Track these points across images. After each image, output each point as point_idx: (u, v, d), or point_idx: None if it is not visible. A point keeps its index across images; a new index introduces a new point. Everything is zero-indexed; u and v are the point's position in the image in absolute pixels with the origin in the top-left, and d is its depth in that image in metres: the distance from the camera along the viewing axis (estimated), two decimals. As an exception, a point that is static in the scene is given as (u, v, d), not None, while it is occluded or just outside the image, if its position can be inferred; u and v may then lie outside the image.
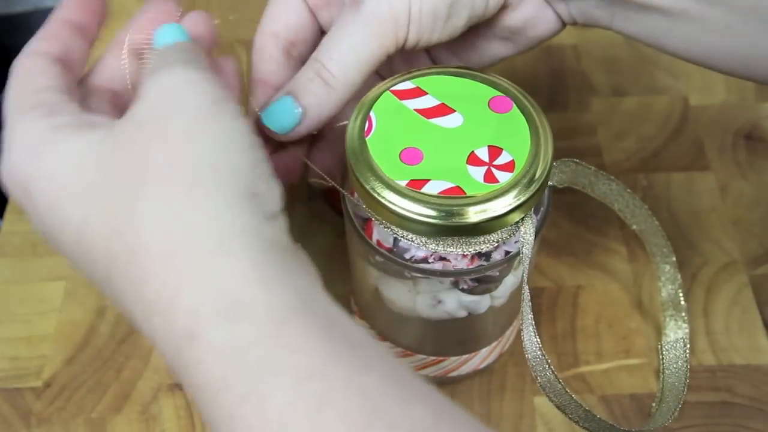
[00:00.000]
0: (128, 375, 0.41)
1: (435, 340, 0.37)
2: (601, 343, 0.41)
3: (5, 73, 0.27)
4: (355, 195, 0.31)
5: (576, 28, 0.35)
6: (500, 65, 0.53)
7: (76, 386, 0.40)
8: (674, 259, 0.39)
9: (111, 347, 0.42)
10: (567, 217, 0.46)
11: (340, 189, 0.31)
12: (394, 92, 0.30)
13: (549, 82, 0.52)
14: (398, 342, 0.37)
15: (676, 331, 0.39)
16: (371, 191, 0.28)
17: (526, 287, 0.30)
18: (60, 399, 0.40)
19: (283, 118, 0.31)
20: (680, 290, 0.39)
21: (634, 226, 0.37)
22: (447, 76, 0.31)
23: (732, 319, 0.42)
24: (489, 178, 0.28)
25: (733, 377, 0.40)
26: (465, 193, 0.27)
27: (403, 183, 0.28)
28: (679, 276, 0.39)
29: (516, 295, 0.34)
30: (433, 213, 0.27)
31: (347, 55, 0.30)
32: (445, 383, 0.39)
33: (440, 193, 0.27)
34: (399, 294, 0.33)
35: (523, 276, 0.30)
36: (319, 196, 0.47)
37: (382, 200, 0.28)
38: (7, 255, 0.45)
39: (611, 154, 0.48)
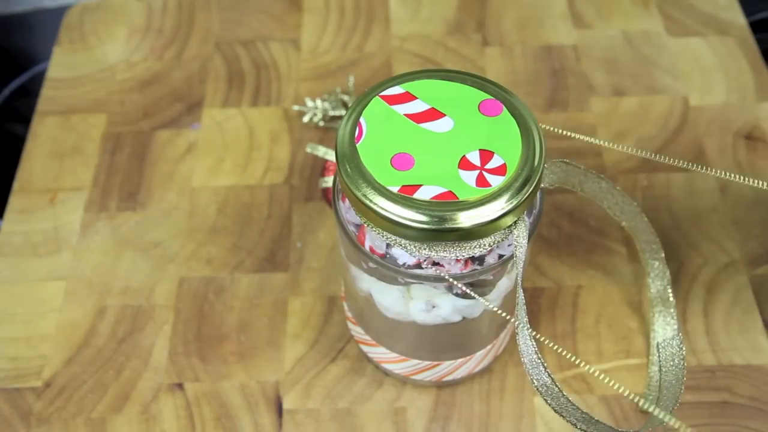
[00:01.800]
0: (128, 375, 0.41)
1: (429, 345, 0.37)
2: (601, 343, 0.41)
3: (5, 73, 0.27)
4: (346, 201, 0.31)
5: (576, 27, 0.35)
6: (500, 65, 0.53)
7: (76, 386, 0.40)
8: (663, 255, 0.39)
9: (111, 347, 0.42)
10: (567, 217, 0.46)
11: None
12: (384, 97, 0.30)
13: (549, 82, 0.52)
14: (392, 347, 0.37)
15: (664, 327, 0.39)
16: (363, 198, 0.28)
17: (520, 290, 0.30)
18: (60, 399, 0.40)
19: None
20: (669, 286, 0.39)
21: (624, 223, 0.37)
22: (436, 80, 0.31)
23: (732, 319, 0.42)
24: (481, 182, 0.28)
25: (733, 377, 0.40)
26: (457, 198, 0.27)
27: (395, 189, 0.28)
28: (668, 272, 0.39)
29: (510, 297, 0.34)
30: (426, 218, 0.27)
31: None
32: (442, 387, 0.39)
33: (432, 198, 0.27)
34: (392, 300, 0.33)
35: (517, 279, 0.30)
36: (319, 194, 0.47)
37: (375, 207, 0.27)
38: (7, 255, 0.45)
39: (611, 154, 0.48)
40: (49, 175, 0.49)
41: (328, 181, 0.44)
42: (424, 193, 0.27)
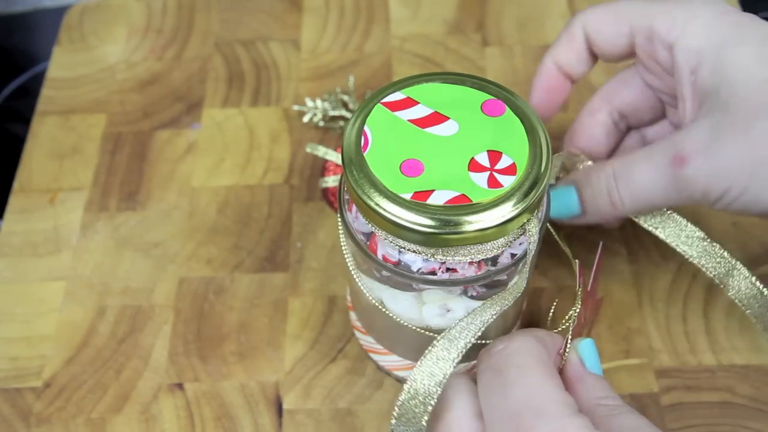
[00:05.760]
0: (128, 375, 0.41)
1: None
2: (601, 343, 0.41)
3: (5, 73, 0.27)
4: (353, 211, 0.30)
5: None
6: (500, 65, 0.53)
7: (76, 386, 0.40)
8: None
9: (111, 347, 0.42)
10: (567, 217, 0.46)
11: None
12: (385, 104, 0.30)
13: (549, 82, 0.52)
14: (406, 355, 0.37)
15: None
16: (376, 207, 0.27)
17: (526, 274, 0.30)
18: (60, 399, 0.40)
19: (562, 205, 0.35)
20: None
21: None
22: (436, 84, 0.31)
23: (732, 319, 0.42)
24: (492, 183, 0.28)
25: (733, 377, 0.40)
26: (471, 201, 0.27)
27: (407, 196, 0.27)
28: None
29: (519, 296, 0.34)
30: (440, 224, 0.27)
31: (643, 195, 0.33)
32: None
33: (446, 203, 0.27)
34: (405, 306, 0.33)
35: (525, 275, 0.30)
36: (319, 194, 0.47)
37: (388, 215, 0.27)
38: (7, 255, 0.45)
39: (611, 154, 0.48)
40: (49, 175, 0.49)
41: (328, 181, 0.44)
42: (437, 198, 0.27)
